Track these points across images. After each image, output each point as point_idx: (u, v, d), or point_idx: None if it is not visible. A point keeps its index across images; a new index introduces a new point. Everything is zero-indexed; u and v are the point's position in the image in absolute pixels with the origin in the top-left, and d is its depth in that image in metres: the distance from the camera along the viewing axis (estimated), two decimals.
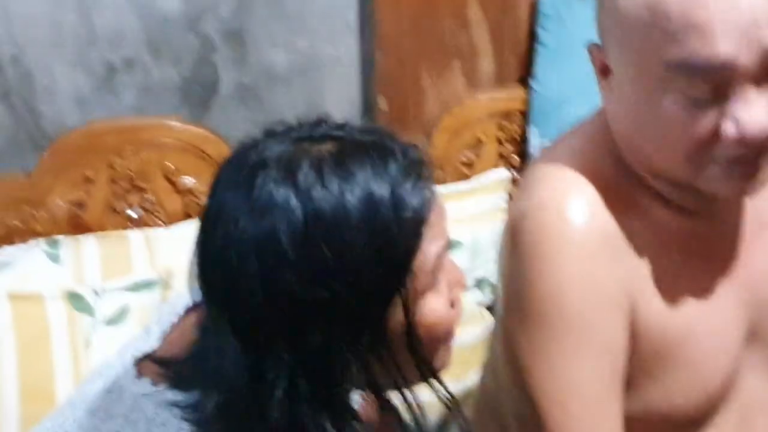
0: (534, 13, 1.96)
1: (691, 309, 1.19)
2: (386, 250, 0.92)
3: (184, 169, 1.67)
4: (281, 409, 0.94)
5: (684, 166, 1.10)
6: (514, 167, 1.96)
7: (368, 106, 1.95)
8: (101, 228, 1.67)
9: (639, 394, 1.19)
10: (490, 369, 1.34)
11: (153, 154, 1.70)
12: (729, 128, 1.04)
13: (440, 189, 1.71)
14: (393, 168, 0.95)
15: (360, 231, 0.91)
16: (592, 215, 1.15)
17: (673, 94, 1.06)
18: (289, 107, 1.89)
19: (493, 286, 1.84)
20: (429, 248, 0.96)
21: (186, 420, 0.98)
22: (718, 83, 1.04)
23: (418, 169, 0.97)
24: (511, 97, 1.97)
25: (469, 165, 1.95)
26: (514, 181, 1.88)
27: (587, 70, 1.21)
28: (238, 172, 0.94)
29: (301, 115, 1.39)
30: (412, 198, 0.95)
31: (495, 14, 1.94)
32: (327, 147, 0.95)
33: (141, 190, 1.70)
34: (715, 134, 1.06)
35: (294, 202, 0.90)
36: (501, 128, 1.97)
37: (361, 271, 0.91)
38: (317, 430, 0.97)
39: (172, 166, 1.70)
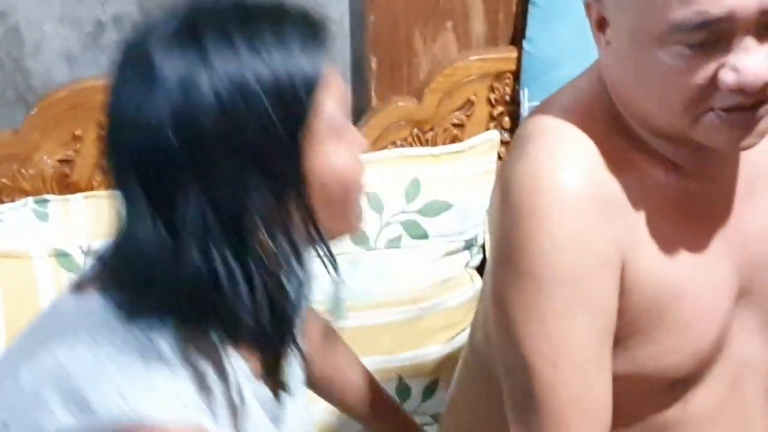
0: None
1: (682, 267, 1.20)
2: (290, 102, 1.00)
3: None
4: (194, 256, 1.01)
5: (681, 116, 1.11)
6: (505, 129, 1.92)
7: (359, 66, 1.92)
8: (89, 186, 1.67)
9: (631, 353, 1.21)
10: (480, 328, 1.35)
11: None
12: (727, 76, 1.06)
13: (432, 150, 1.83)
14: (293, 31, 1.03)
15: (266, 86, 0.99)
16: (585, 176, 1.16)
17: (673, 47, 1.07)
18: None
19: (482, 248, 1.85)
20: (328, 103, 1.04)
21: (122, 316, 1.03)
22: (718, 36, 1.05)
23: (316, 32, 1.05)
24: (502, 58, 1.93)
25: (461, 126, 1.91)
26: (505, 143, 1.86)
27: (580, 31, 1.23)
28: (138, 57, 1.01)
29: None
30: (311, 57, 1.03)
31: None
32: (227, 15, 1.03)
33: None
34: (713, 83, 1.07)
35: (203, 69, 0.99)
36: (492, 89, 1.92)
37: (267, 118, 0.99)
38: (228, 275, 1.02)
39: None
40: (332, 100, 1.05)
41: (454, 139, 1.90)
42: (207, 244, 1.01)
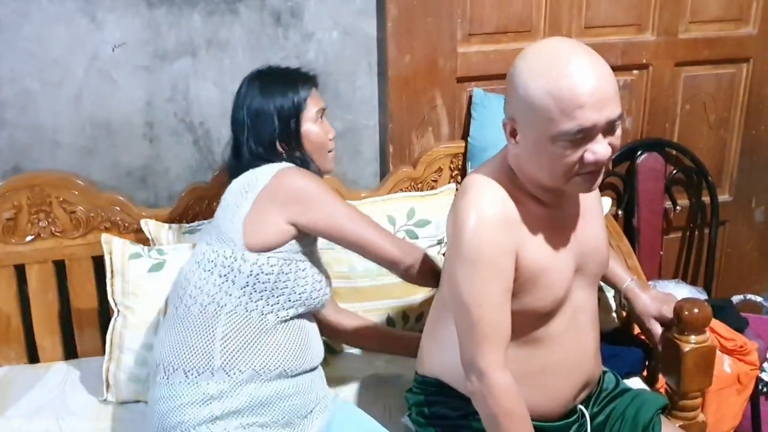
0: (470, 101, 2.42)
1: (547, 255, 1.41)
2: (295, 105, 1.66)
3: None
4: (251, 149, 1.67)
5: (561, 179, 1.31)
6: (458, 183, 2.35)
7: (383, 150, 2.40)
8: None
9: (520, 300, 1.42)
10: (442, 284, 1.57)
11: None
12: (589, 156, 1.28)
13: (421, 194, 2.23)
14: (297, 77, 1.69)
15: (285, 97, 1.64)
16: (495, 206, 1.35)
17: (560, 143, 1.27)
18: (344, 151, 2.36)
19: (445, 244, 2.06)
20: (311, 107, 1.69)
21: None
22: (586, 134, 1.26)
23: (308, 80, 1.70)
24: (457, 146, 2.42)
25: (435, 181, 2.41)
26: (458, 190, 1.73)
27: (496, 133, 1.46)
28: (239, 89, 1.70)
29: (349, 159, 2.22)
30: (305, 87, 1.69)
31: (450, 102, 2.39)
32: (268, 73, 1.68)
33: None
34: (581, 160, 1.28)
35: (259, 93, 1.64)
36: (452, 163, 2.41)
37: (284, 109, 1.65)
38: (255, 153, 1.66)
39: None
40: (313, 105, 1.68)
41: (432, 188, 2.37)
42: (258, 145, 1.65)
